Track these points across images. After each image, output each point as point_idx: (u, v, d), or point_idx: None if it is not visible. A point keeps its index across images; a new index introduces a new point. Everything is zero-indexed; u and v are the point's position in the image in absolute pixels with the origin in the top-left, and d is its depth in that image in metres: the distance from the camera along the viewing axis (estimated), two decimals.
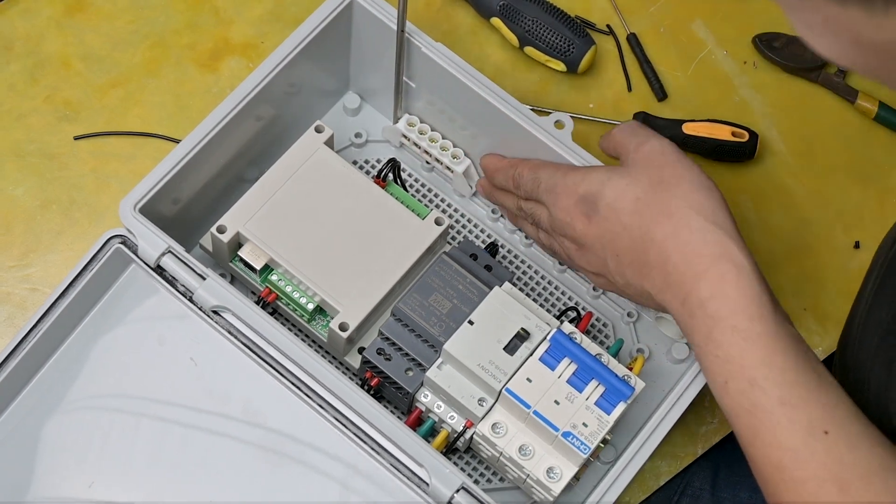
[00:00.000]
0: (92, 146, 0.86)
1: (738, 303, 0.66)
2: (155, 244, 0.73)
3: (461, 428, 0.75)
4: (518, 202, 0.80)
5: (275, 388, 0.73)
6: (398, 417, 0.77)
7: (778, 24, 0.94)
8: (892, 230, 0.73)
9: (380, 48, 0.81)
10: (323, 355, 0.80)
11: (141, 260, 0.74)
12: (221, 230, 0.77)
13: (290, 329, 0.80)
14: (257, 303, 0.77)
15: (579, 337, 0.75)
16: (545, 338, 0.74)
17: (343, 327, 0.75)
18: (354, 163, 0.86)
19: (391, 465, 0.71)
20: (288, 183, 0.78)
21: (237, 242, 0.78)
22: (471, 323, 0.74)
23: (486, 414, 0.74)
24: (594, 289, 0.84)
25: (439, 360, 0.75)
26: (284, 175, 0.78)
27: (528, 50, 0.90)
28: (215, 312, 0.73)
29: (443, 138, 0.84)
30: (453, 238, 0.85)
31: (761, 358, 0.65)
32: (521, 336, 0.74)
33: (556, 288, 0.84)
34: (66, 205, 0.85)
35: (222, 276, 0.80)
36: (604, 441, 0.73)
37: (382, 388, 0.77)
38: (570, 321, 0.79)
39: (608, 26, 0.93)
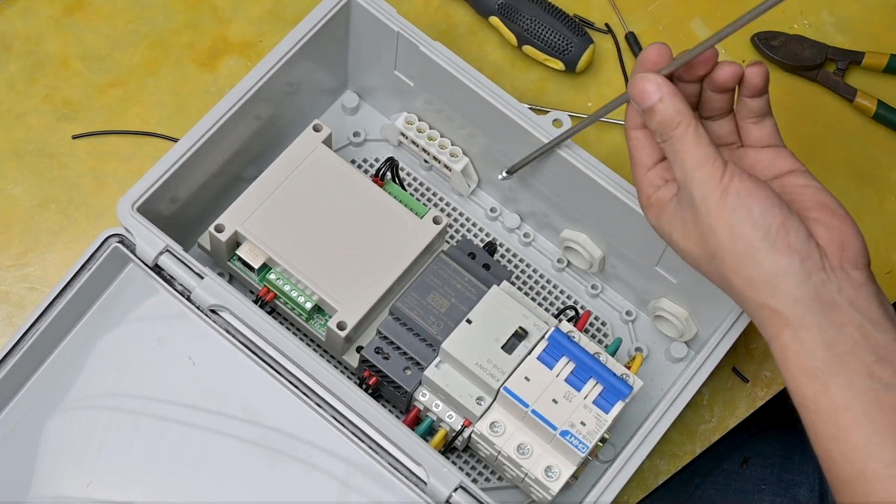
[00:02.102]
0: (91, 145, 0.86)
1: None
2: (153, 243, 0.73)
3: (459, 427, 0.75)
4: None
5: (273, 388, 0.72)
6: (396, 416, 0.77)
7: (776, 23, 0.94)
8: None
9: (378, 47, 0.81)
10: (321, 354, 0.80)
11: (139, 259, 0.74)
12: (219, 229, 0.77)
13: (288, 328, 0.80)
14: (255, 302, 0.77)
15: (577, 336, 0.75)
16: (543, 336, 0.74)
17: (341, 326, 0.75)
18: (353, 162, 0.86)
19: (389, 464, 0.71)
20: (286, 182, 0.78)
21: (235, 241, 0.78)
22: (469, 322, 0.74)
23: (485, 413, 0.74)
24: (592, 287, 0.84)
25: (437, 359, 0.75)
26: (283, 174, 0.78)
27: (527, 49, 0.90)
28: (213, 311, 0.73)
29: (441, 136, 0.84)
30: (451, 237, 0.85)
31: None
32: (520, 335, 0.74)
33: (554, 287, 0.84)
34: (64, 204, 0.85)
35: (220, 275, 0.80)
36: (602, 440, 0.73)
37: (381, 387, 0.77)
38: (569, 320, 0.79)
39: (607, 25, 0.93)
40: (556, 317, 0.79)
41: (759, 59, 0.93)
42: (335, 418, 0.72)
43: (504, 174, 0.81)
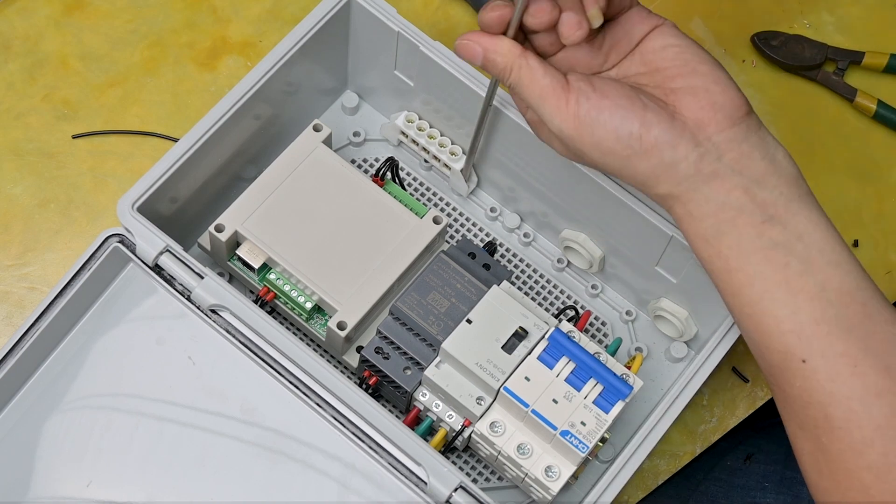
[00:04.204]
0: (90, 145, 0.86)
1: None
2: (153, 243, 0.73)
3: (459, 427, 0.74)
4: None
5: (273, 388, 0.72)
6: (396, 416, 0.77)
7: (776, 23, 0.94)
8: None
9: (378, 46, 0.81)
10: (321, 354, 0.80)
11: (139, 259, 0.74)
12: (219, 229, 0.77)
13: (288, 328, 0.80)
14: (255, 302, 0.77)
15: (578, 335, 0.74)
16: (543, 336, 0.74)
17: (341, 326, 0.75)
18: (353, 161, 0.86)
19: (389, 463, 0.71)
20: (286, 182, 0.78)
21: (235, 241, 0.78)
22: (469, 322, 0.74)
23: (485, 413, 0.74)
24: (592, 287, 0.84)
25: (437, 359, 0.75)
26: (282, 174, 0.78)
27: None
28: (213, 311, 0.73)
29: (441, 135, 0.84)
30: (451, 237, 0.85)
31: None
32: (520, 335, 0.74)
33: (554, 287, 0.84)
34: (64, 203, 0.85)
35: (220, 275, 0.80)
36: (602, 440, 0.73)
37: (381, 387, 0.77)
38: (569, 320, 0.79)
39: None
40: (556, 317, 0.79)
41: (759, 58, 0.93)
42: (335, 418, 0.72)
43: (460, 171, 0.83)
